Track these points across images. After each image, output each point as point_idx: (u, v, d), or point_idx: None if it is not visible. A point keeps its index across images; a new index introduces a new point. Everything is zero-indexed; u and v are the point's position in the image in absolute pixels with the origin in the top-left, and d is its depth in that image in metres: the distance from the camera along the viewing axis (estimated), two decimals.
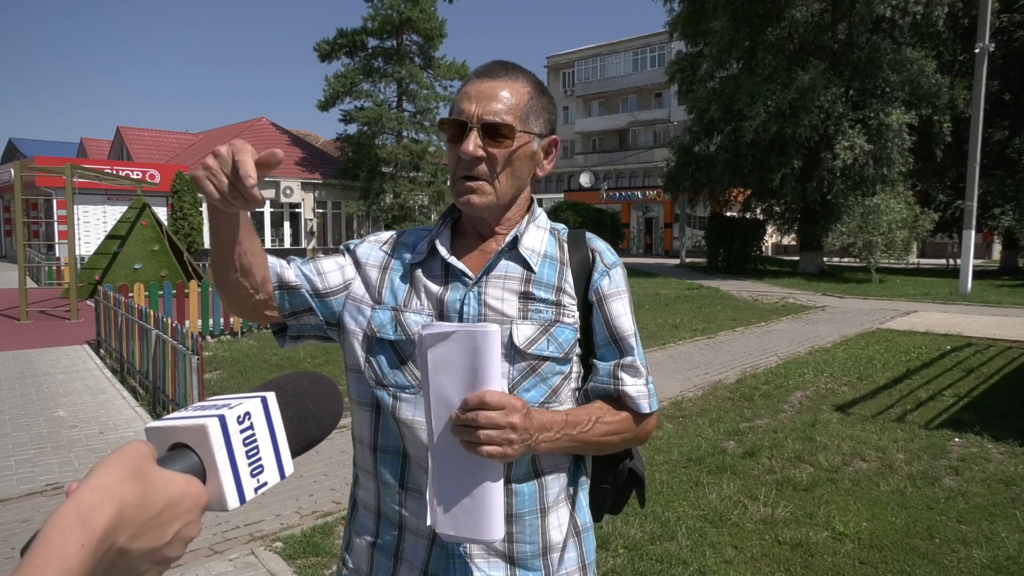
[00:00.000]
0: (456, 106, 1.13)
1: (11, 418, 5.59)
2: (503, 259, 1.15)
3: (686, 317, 12.07)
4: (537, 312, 1.12)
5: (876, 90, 19.93)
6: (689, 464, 4.57)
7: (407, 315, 1.12)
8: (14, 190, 11.88)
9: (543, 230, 1.20)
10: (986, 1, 15.57)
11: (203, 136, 34.42)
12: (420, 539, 1.12)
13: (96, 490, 0.50)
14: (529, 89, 1.15)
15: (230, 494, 0.60)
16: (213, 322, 9.78)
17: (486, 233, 1.18)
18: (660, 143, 40.23)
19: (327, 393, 0.75)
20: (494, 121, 1.09)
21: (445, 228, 1.20)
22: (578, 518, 1.20)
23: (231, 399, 0.64)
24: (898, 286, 18.55)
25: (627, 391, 1.15)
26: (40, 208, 23.36)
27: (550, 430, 1.04)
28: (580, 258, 1.18)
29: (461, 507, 0.98)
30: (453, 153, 1.12)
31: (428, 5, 28.77)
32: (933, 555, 3.31)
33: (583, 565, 1.19)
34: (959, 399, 6.33)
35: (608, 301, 1.17)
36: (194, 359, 5.08)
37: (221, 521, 3.66)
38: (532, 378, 1.10)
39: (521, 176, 1.15)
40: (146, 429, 0.62)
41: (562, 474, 1.16)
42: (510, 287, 1.13)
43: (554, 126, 1.20)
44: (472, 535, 0.98)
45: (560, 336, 1.12)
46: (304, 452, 0.70)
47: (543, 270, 1.15)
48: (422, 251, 1.18)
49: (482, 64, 1.18)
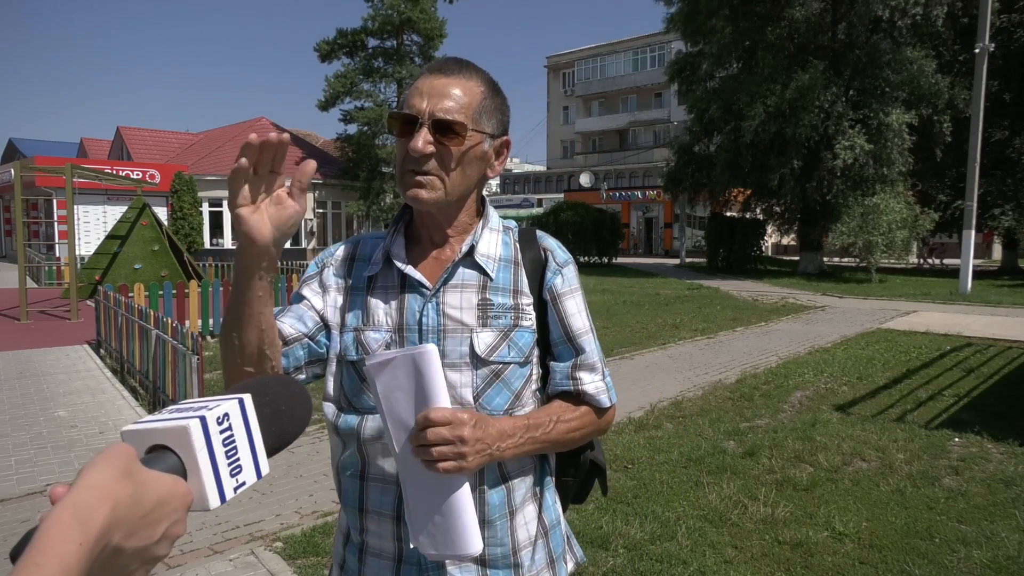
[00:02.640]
0: (407, 101, 1.10)
1: (11, 418, 5.59)
2: (460, 267, 1.14)
3: (686, 317, 12.07)
4: (496, 319, 1.12)
5: (876, 90, 19.91)
6: (689, 464, 4.57)
7: (367, 333, 1.12)
8: (14, 190, 11.88)
9: (496, 232, 1.19)
10: (986, 1, 15.58)
11: (203, 136, 34.41)
12: (384, 560, 1.12)
13: (91, 489, 0.50)
14: (483, 89, 1.13)
15: (211, 494, 0.61)
16: (213, 322, 9.78)
17: (438, 239, 1.18)
18: (660, 143, 40.23)
19: (297, 395, 0.77)
20: (445, 119, 1.07)
21: (398, 235, 1.18)
22: (545, 517, 1.21)
23: (208, 401, 0.65)
24: (898, 286, 18.55)
25: (586, 390, 1.17)
26: (40, 208, 23.36)
27: (512, 436, 1.05)
28: (532, 257, 1.18)
29: (435, 525, 1.00)
30: (402, 148, 1.10)
31: (428, 5, 28.80)
32: (933, 555, 3.31)
33: (551, 561, 1.20)
34: (959, 399, 6.33)
35: (562, 300, 1.17)
36: (194, 359, 5.08)
37: (221, 521, 3.66)
38: (496, 384, 1.11)
39: (471, 176, 1.14)
40: (122, 432, 0.63)
41: (528, 476, 1.17)
42: (468, 295, 1.12)
43: (506, 128, 1.18)
44: (452, 551, 1.00)
45: (520, 340, 1.13)
46: (277, 452, 0.72)
47: (499, 274, 1.15)
48: (377, 261, 1.16)
49: (435, 60, 1.17)
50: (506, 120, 1.18)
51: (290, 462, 4.56)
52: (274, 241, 0.96)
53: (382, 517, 1.11)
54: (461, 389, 1.09)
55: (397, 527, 1.10)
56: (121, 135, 31.75)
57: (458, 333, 1.10)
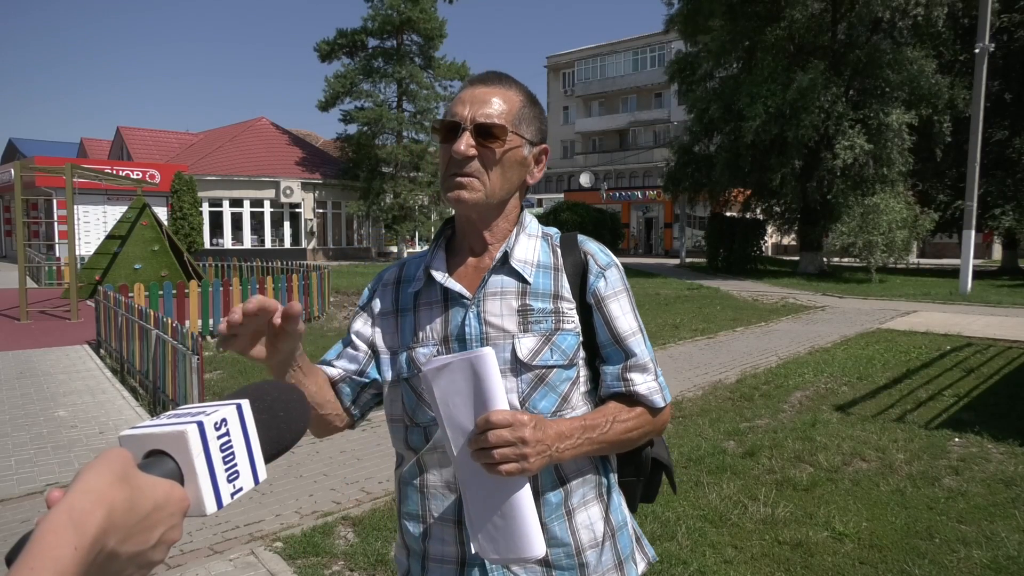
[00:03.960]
0: (450, 110, 1.16)
1: (11, 418, 5.59)
2: (496, 275, 1.16)
3: (686, 317, 12.07)
4: (537, 323, 1.14)
5: (876, 90, 19.92)
6: (689, 464, 4.57)
7: (416, 350, 1.17)
8: (14, 190, 11.89)
9: (534, 238, 1.21)
10: (986, 1, 15.58)
11: (203, 136, 34.42)
12: (447, 565, 1.15)
13: (87, 494, 0.50)
14: (521, 98, 1.18)
15: (208, 499, 0.62)
16: (213, 322, 9.78)
17: (478, 248, 1.20)
18: (660, 143, 40.23)
19: (295, 401, 0.76)
20: (487, 122, 1.11)
21: (439, 250, 1.22)
22: (612, 518, 1.22)
23: (206, 406, 0.65)
24: (898, 286, 18.55)
25: (638, 391, 1.17)
26: (40, 208, 23.38)
27: (570, 437, 1.06)
28: (573, 261, 1.20)
29: (497, 529, 1.00)
30: (445, 154, 1.14)
31: (428, 5, 28.78)
32: (933, 555, 3.31)
33: (619, 562, 1.21)
34: (959, 399, 6.33)
35: (606, 302, 1.18)
36: (194, 359, 5.08)
37: (221, 521, 3.66)
38: (542, 388, 1.13)
39: (511, 180, 1.16)
40: (120, 437, 0.63)
41: (587, 476, 1.18)
42: (507, 302, 1.14)
43: (544, 136, 1.23)
44: (515, 555, 1.00)
45: (563, 343, 1.14)
46: (275, 459, 0.71)
47: (538, 280, 1.17)
48: (420, 279, 1.21)
49: (476, 74, 1.22)
50: (544, 129, 1.22)
51: (290, 462, 4.56)
52: (281, 355, 1.05)
53: (444, 523, 1.14)
54: (507, 395, 1.10)
55: (459, 531, 1.13)
56: (121, 135, 31.77)
57: (500, 340, 1.13)
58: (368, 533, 3.53)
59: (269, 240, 29.45)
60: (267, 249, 28.28)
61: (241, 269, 17.17)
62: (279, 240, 29.85)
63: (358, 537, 3.51)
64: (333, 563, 3.27)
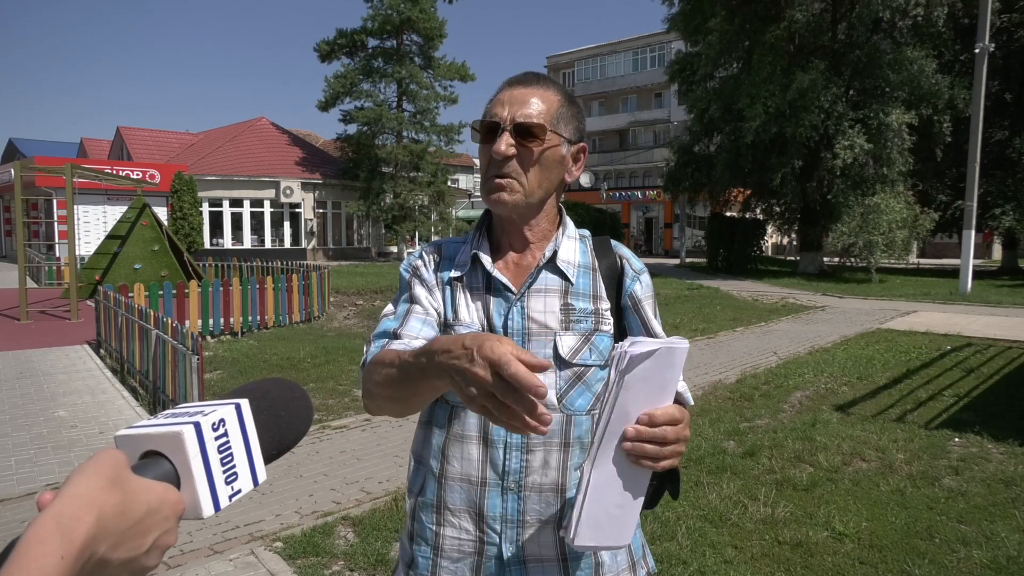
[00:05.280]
0: (489, 111, 1.17)
1: (11, 418, 5.59)
2: (544, 272, 1.18)
3: (686, 317, 12.07)
4: (578, 323, 1.17)
5: (876, 90, 19.92)
6: (689, 464, 4.57)
7: (457, 329, 1.17)
8: (14, 190, 11.88)
9: (574, 240, 1.24)
10: (986, 1, 15.58)
11: (203, 136, 34.42)
12: (464, 556, 1.14)
13: (76, 499, 0.48)
14: (559, 98, 1.19)
15: (205, 502, 0.60)
16: (213, 322, 9.78)
17: (518, 246, 1.22)
18: (660, 143, 40.22)
19: (298, 399, 0.74)
20: (526, 122, 1.12)
21: (483, 240, 1.23)
22: None
23: (204, 406, 0.63)
24: (898, 286, 18.55)
25: (677, 389, 1.18)
26: (40, 208, 23.37)
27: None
28: (608, 264, 1.24)
29: (610, 518, 0.99)
30: (485, 155, 1.16)
31: (428, 5, 28.76)
32: (933, 555, 3.31)
33: (632, 563, 1.24)
34: (959, 399, 6.33)
35: (643, 304, 1.24)
36: (194, 359, 5.08)
37: (221, 521, 3.66)
38: (579, 386, 1.15)
39: (550, 178, 1.18)
40: (115, 437, 0.61)
41: None
42: (551, 300, 1.17)
43: (583, 135, 1.23)
44: (615, 543, 1.01)
45: (600, 344, 1.17)
46: (276, 459, 0.69)
47: (579, 280, 1.20)
48: (464, 263, 1.21)
49: (515, 75, 1.23)
50: (582, 128, 1.23)
51: (290, 462, 4.56)
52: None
53: (463, 513, 1.14)
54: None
55: (479, 522, 1.13)
56: (121, 135, 31.76)
57: (542, 336, 1.15)
58: (368, 533, 3.53)
59: (269, 240, 29.43)
60: (267, 249, 28.26)
61: (241, 269, 17.15)
62: (279, 240, 29.84)
63: (358, 537, 3.51)
64: (333, 563, 3.27)
